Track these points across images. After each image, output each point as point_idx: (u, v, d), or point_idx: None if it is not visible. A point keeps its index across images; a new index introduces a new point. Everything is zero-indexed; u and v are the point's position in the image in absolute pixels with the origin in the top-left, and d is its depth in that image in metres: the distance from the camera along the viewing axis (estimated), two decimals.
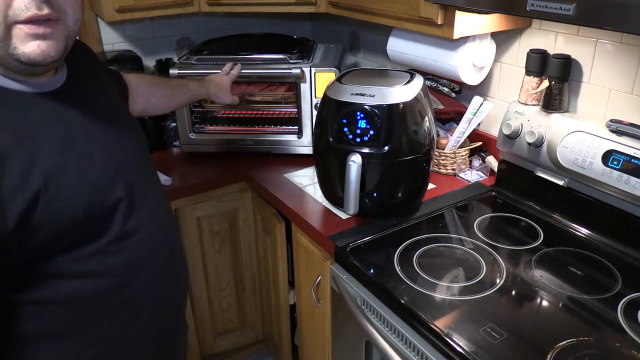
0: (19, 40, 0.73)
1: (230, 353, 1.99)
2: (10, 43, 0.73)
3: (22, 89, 0.79)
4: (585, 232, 1.26)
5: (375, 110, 1.22)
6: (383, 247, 1.23)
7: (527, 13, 0.96)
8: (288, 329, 1.77)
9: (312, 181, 1.58)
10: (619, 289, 1.07)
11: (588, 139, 1.22)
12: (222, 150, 1.79)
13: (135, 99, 1.24)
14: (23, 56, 0.74)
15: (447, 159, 1.56)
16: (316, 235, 1.34)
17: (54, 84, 0.84)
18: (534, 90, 1.35)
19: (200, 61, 1.70)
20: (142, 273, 0.92)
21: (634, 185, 1.13)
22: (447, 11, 1.25)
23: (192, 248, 1.72)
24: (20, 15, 0.71)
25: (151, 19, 1.95)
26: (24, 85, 0.79)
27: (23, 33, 0.73)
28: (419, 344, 1.00)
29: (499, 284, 1.09)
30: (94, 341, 0.89)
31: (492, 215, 1.38)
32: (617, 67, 1.24)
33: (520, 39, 1.45)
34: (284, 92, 1.77)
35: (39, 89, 0.81)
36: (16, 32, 0.72)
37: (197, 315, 1.82)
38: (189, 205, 1.65)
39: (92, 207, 0.81)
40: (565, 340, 0.93)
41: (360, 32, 2.05)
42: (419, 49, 1.52)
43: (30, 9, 0.71)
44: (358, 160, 1.22)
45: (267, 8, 1.72)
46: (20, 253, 0.77)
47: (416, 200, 1.39)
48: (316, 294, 1.41)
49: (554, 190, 1.33)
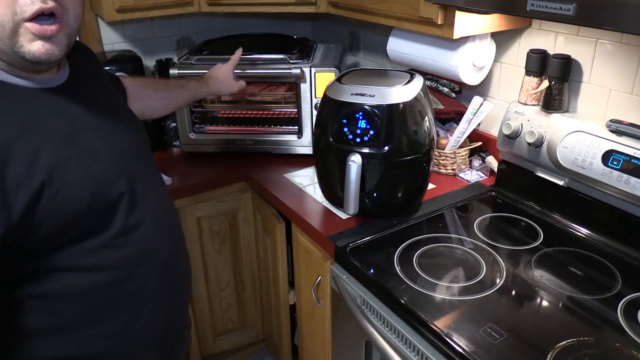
0: (25, 40, 0.75)
1: (230, 353, 1.99)
2: (17, 41, 0.75)
3: (25, 84, 0.80)
4: (585, 232, 1.26)
5: (375, 110, 1.22)
6: (383, 247, 1.23)
7: (527, 13, 0.96)
8: (288, 329, 1.77)
9: (312, 181, 1.58)
10: (619, 289, 1.07)
11: (588, 139, 1.22)
12: (222, 150, 1.79)
13: (132, 103, 1.24)
14: (29, 54, 0.76)
15: (447, 159, 1.56)
16: (316, 235, 1.34)
17: (57, 80, 0.86)
18: (534, 90, 1.35)
19: (200, 61, 1.70)
20: (145, 268, 0.93)
21: (634, 185, 1.13)
22: (447, 11, 1.25)
23: (192, 248, 1.72)
24: (27, 10, 0.73)
25: (151, 19, 1.95)
26: (27, 81, 0.81)
27: (29, 32, 0.75)
28: (419, 344, 1.00)
29: (499, 284, 1.09)
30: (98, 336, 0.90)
31: (492, 215, 1.38)
32: (617, 67, 1.24)
33: (520, 39, 1.45)
34: (284, 92, 1.77)
35: (43, 84, 0.83)
36: (23, 31, 0.75)
37: (197, 315, 1.82)
38: (189, 205, 1.65)
39: (95, 200, 0.83)
40: (565, 340, 0.93)
41: (360, 32, 2.05)
42: (419, 49, 1.52)
43: (35, 3, 0.73)
44: (358, 160, 1.22)
45: (267, 8, 1.72)
46: (26, 246, 0.78)
47: (416, 200, 1.39)
48: (316, 294, 1.41)
49: (554, 190, 1.33)
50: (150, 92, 1.36)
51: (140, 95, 1.31)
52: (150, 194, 0.95)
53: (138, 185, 0.91)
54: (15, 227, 0.73)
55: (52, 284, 0.83)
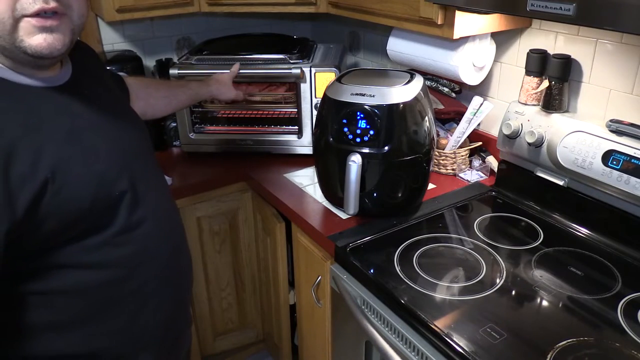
0: (25, 33, 0.75)
1: (230, 353, 1.99)
2: (18, 36, 0.75)
3: (30, 82, 0.81)
4: (585, 232, 1.26)
5: (375, 110, 1.22)
6: (383, 247, 1.23)
7: (527, 13, 0.96)
8: (288, 329, 1.77)
9: (312, 181, 1.58)
10: (619, 289, 1.07)
11: (588, 139, 1.22)
12: (222, 150, 1.79)
13: (135, 102, 1.25)
14: (29, 48, 0.76)
15: (447, 159, 1.56)
16: (316, 235, 1.34)
17: (60, 79, 0.86)
18: (534, 90, 1.35)
19: (200, 61, 1.70)
20: (147, 266, 0.93)
21: (634, 185, 1.13)
22: (447, 11, 1.25)
23: (192, 248, 1.70)
24: (28, 9, 0.73)
25: (151, 19, 1.95)
26: (31, 80, 0.81)
27: (30, 26, 0.75)
28: (419, 344, 1.00)
29: (499, 284, 1.09)
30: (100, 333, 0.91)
31: (492, 215, 1.38)
32: (617, 67, 1.24)
33: (520, 39, 1.45)
34: (284, 92, 1.77)
35: (46, 83, 0.83)
36: (23, 25, 0.75)
37: (197, 315, 1.82)
38: (189, 205, 1.65)
39: (98, 198, 0.83)
40: (565, 340, 0.93)
41: (360, 32, 2.05)
42: (419, 49, 1.52)
43: (37, 3, 0.73)
44: (358, 160, 1.22)
45: (267, 8, 1.72)
46: (29, 243, 0.78)
47: (416, 200, 1.39)
48: (316, 294, 1.41)
49: (554, 190, 1.32)
50: (152, 91, 1.37)
51: (142, 94, 1.31)
52: (151, 192, 0.95)
53: (140, 184, 0.92)
54: (19, 224, 0.74)
55: (55, 281, 0.84)
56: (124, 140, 0.94)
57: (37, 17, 0.75)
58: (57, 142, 0.79)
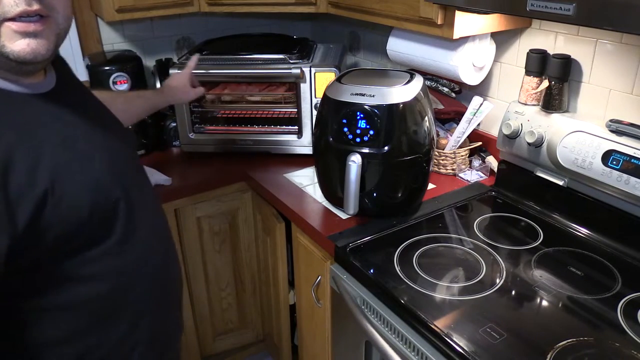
0: (7, 38, 0.72)
1: (230, 353, 1.99)
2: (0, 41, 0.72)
3: (15, 89, 0.78)
4: (585, 232, 1.26)
5: (375, 110, 1.22)
6: (383, 247, 1.23)
7: (527, 13, 0.96)
8: (288, 329, 1.77)
9: (312, 181, 1.58)
10: (619, 289, 1.07)
11: (588, 139, 1.22)
12: (222, 150, 1.79)
13: None
14: (12, 54, 0.73)
15: (447, 159, 1.56)
16: (316, 235, 1.34)
17: (45, 85, 0.84)
18: (534, 90, 1.35)
19: (200, 61, 1.70)
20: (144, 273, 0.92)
21: (634, 185, 1.13)
22: (447, 11, 1.25)
23: (192, 248, 1.72)
24: (10, 12, 0.70)
25: (151, 19, 1.95)
26: (16, 85, 0.78)
27: (11, 31, 0.71)
28: (419, 344, 1.00)
29: (498, 284, 1.09)
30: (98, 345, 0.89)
31: (492, 215, 1.38)
32: (617, 67, 1.24)
33: (520, 39, 1.45)
34: (284, 92, 1.77)
35: (33, 90, 0.81)
36: (4, 30, 0.71)
37: (197, 315, 1.82)
38: (189, 205, 1.65)
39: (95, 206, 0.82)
40: (565, 340, 0.93)
41: (360, 32, 2.05)
42: (419, 49, 1.52)
43: (19, 5, 0.70)
44: (358, 160, 1.22)
45: (267, 8, 1.72)
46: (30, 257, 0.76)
47: (416, 200, 1.39)
48: (316, 294, 1.41)
49: (553, 190, 1.33)
50: (110, 103, 1.33)
51: None
52: (142, 200, 0.94)
53: (131, 191, 0.90)
54: (20, 237, 0.71)
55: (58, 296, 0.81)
56: (114, 148, 0.92)
57: (20, 22, 0.71)
58: (53, 149, 0.77)
